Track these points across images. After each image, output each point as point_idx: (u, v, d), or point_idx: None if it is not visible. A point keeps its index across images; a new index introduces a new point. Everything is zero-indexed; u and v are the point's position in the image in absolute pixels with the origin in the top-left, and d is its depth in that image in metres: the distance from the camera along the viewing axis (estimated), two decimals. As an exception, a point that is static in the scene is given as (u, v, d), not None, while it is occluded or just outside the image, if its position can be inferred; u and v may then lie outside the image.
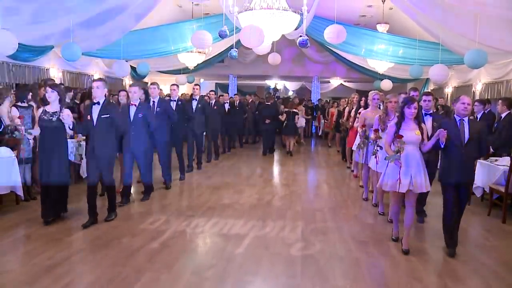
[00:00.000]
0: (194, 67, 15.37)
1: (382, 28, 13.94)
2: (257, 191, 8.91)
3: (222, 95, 15.86)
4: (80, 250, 5.38)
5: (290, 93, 30.03)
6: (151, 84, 8.68)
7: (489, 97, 11.76)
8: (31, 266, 4.79)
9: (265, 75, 22.76)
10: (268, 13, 8.72)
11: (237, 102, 15.81)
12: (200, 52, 14.50)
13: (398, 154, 5.30)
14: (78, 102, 10.22)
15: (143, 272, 4.70)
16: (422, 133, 5.47)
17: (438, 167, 6.17)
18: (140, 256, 5.17)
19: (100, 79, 6.56)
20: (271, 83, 28.66)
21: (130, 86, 8.00)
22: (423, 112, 6.53)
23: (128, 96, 8.04)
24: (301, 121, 16.87)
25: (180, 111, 9.75)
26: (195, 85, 11.32)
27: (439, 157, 6.20)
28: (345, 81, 24.58)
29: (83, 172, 8.53)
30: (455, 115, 5.55)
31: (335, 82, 24.63)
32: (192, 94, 11.17)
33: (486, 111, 9.30)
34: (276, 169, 12.30)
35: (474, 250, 5.85)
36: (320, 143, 18.66)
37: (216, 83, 28.35)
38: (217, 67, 20.02)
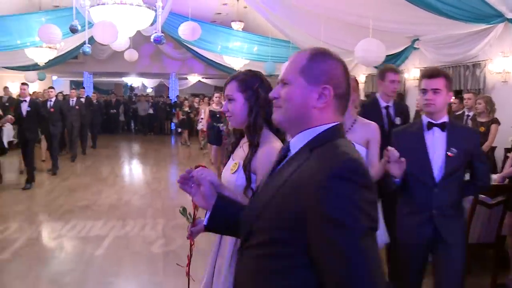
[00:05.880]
0: (45, 63, 14.44)
1: (237, 26, 14.37)
2: (116, 191, 8.69)
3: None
4: None
5: (149, 90, 29.56)
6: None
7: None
8: None
9: (122, 72, 22.14)
10: (121, 8, 8.52)
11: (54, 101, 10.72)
12: (51, 47, 13.67)
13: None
14: None
15: (-8, 285, 4.38)
16: (245, 168, 2.15)
17: None
18: (-12, 269, 4.79)
19: None
20: (128, 80, 27.95)
21: None
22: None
23: None
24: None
25: None
26: (23, 84, 9.18)
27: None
28: (203, 78, 24.81)
29: None
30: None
31: (193, 78, 24.76)
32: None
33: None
34: (135, 168, 12.10)
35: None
36: (180, 140, 18.60)
37: (70, 80, 26.92)
38: (71, 63, 18.94)
